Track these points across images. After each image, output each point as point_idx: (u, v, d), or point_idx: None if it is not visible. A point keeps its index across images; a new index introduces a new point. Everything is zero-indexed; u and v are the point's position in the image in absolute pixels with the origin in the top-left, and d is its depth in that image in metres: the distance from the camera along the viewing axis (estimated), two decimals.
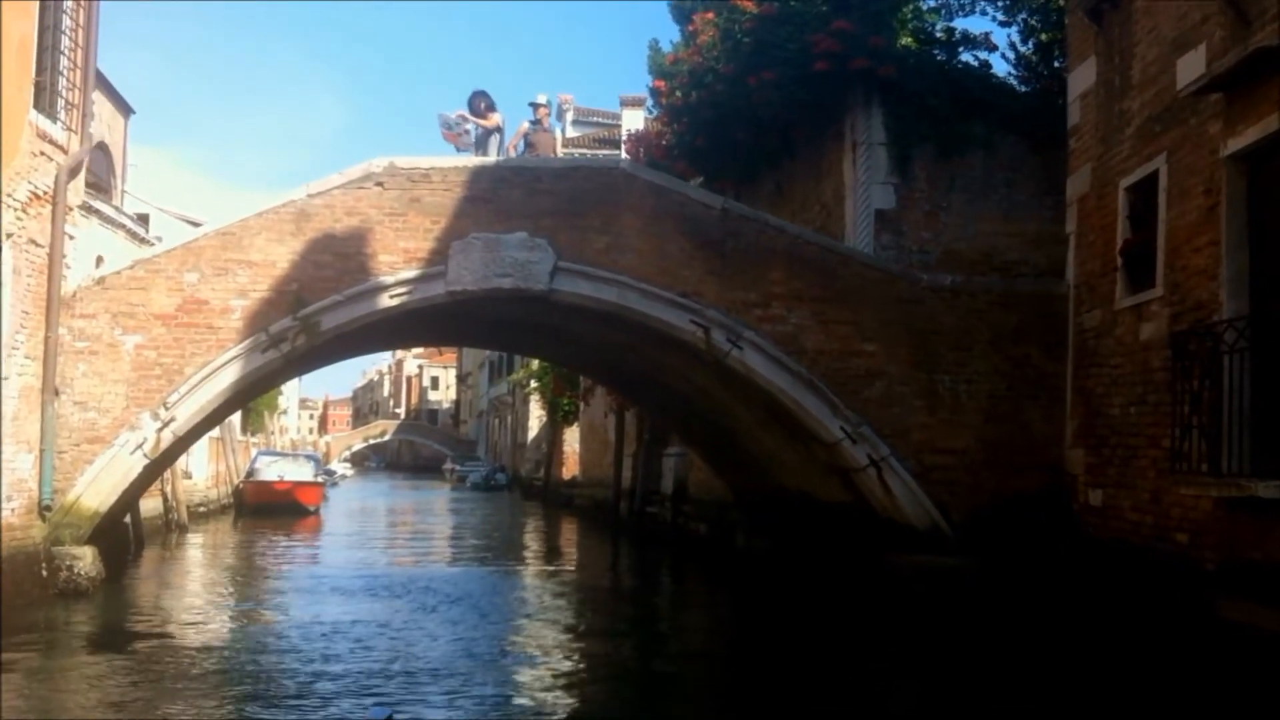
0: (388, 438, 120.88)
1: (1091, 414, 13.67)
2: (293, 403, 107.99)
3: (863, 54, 16.76)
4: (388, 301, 15.06)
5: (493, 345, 38.88)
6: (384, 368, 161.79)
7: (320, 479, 44.16)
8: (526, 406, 60.36)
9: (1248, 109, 10.38)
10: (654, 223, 15.14)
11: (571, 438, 48.25)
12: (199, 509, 34.04)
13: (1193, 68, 11.33)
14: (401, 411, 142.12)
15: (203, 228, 15.68)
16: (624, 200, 15.19)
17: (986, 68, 18.69)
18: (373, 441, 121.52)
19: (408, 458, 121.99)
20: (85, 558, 14.82)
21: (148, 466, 15.28)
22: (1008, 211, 17.43)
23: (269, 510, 37.57)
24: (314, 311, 14.95)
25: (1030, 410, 14.80)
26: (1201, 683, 9.73)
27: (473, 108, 17.34)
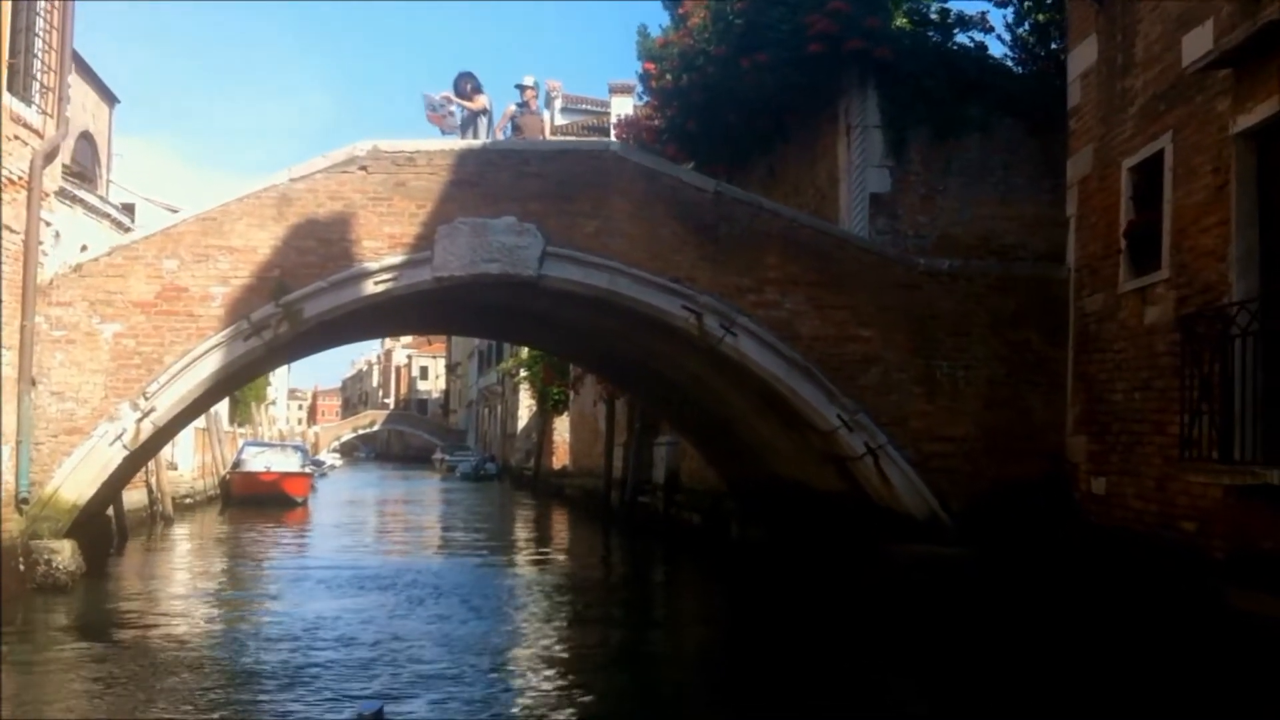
0: (377, 428, 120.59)
1: (1093, 400, 13.37)
2: (281, 393, 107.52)
3: (858, 35, 16.43)
4: (372, 288, 14.71)
5: (481, 333, 38.47)
6: (373, 358, 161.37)
7: (308, 470, 43.83)
8: (516, 396, 60.13)
9: (1257, 85, 10.07)
10: (645, 207, 14.80)
11: (562, 427, 48.03)
12: (185, 500, 33.66)
13: (1199, 44, 11.00)
14: (391, 402, 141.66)
15: (182, 213, 15.29)
16: (614, 184, 14.84)
17: (982, 49, 18.37)
18: (362, 432, 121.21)
19: (397, 448, 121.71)
20: (64, 551, 14.44)
21: (128, 458, 14.92)
22: (1005, 195, 17.14)
23: (256, 502, 37.23)
24: (297, 299, 14.60)
25: (1030, 396, 14.50)
26: (1211, 672, 9.44)
27: (458, 89, 16.92)
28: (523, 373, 52.15)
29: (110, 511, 21.83)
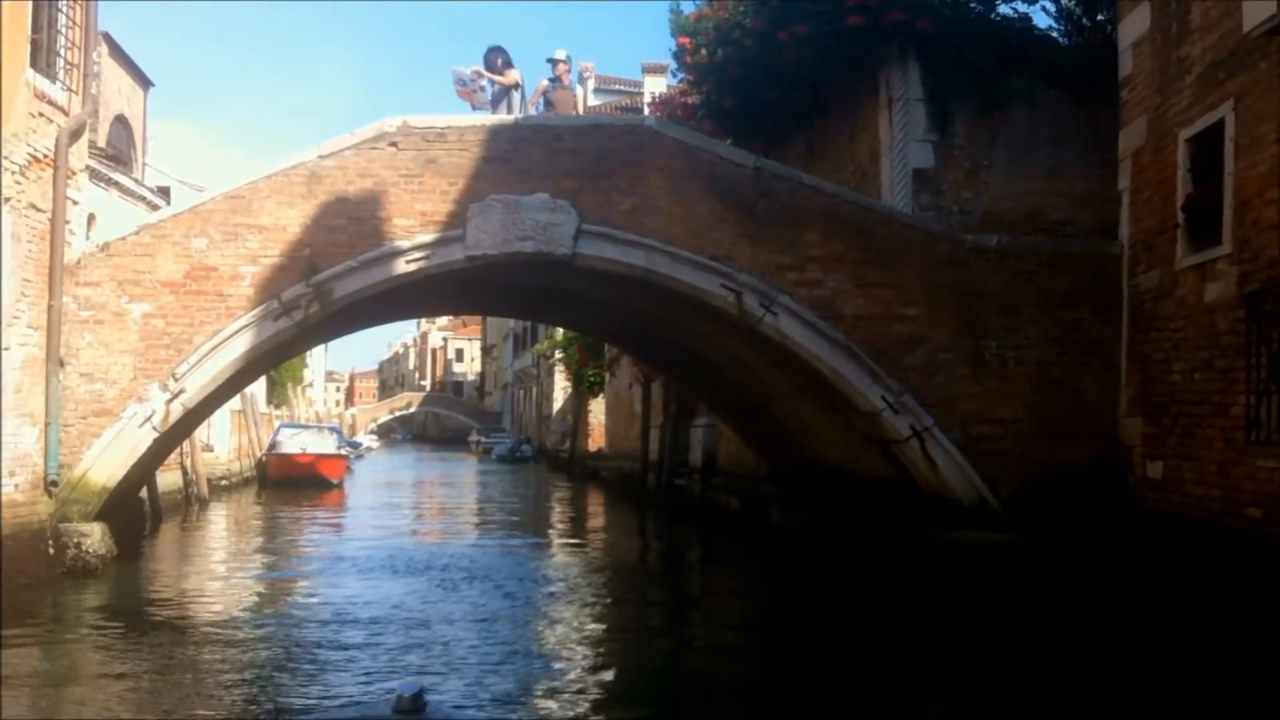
0: (413, 410, 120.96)
1: (1149, 381, 12.90)
2: (319, 375, 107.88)
3: (899, 7, 15.94)
4: (404, 267, 14.40)
5: (515, 313, 38.15)
6: (409, 340, 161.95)
7: (343, 451, 43.67)
8: (551, 378, 59.88)
9: None
10: (682, 183, 14.40)
11: (597, 409, 47.73)
12: (221, 482, 33.59)
13: (1262, 8, 10.48)
14: (427, 384, 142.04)
15: (210, 191, 15.02)
16: (650, 159, 14.45)
17: (1026, 20, 17.82)
18: (398, 414, 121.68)
19: (433, 430, 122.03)
20: (94, 534, 14.31)
21: (158, 440, 14.71)
22: (1052, 169, 16.68)
23: (292, 483, 37.10)
24: (327, 278, 14.32)
25: (1082, 377, 14.03)
26: None
27: (489, 64, 16.52)
28: (558, 354, 51.88)
29: (144, 494, 21.79)
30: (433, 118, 14.57)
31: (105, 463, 14.30)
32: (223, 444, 36.41)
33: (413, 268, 14.42)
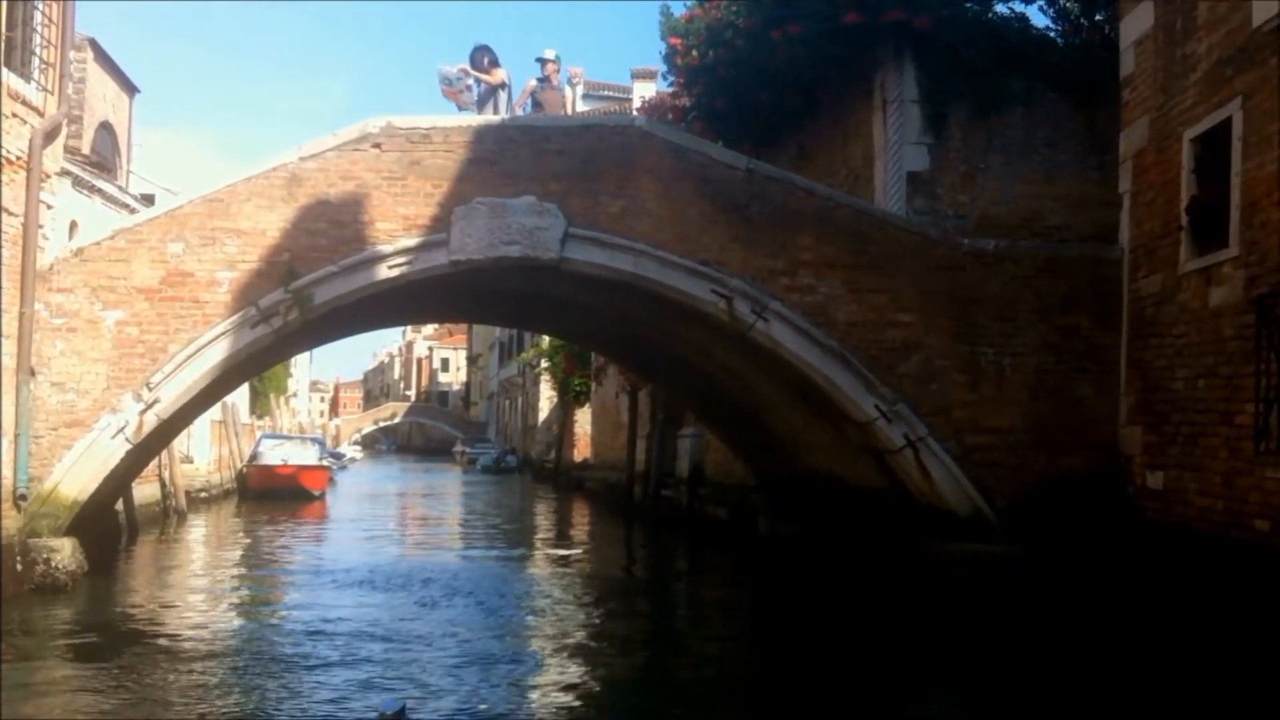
0: (398, 420, 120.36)
1: (1150, 389, 12.56)
2: (303, 385, 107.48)
3: (896, 5, 15.62)
4: (386, 272, 14.00)
5: (501, 320, 37.51)
6: (394, 350, 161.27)
7: (326, 462, 43.21)
8: (537, 387, 59.49)
9: None
10: (673, 185, 14.03)
11: (583, 419, 47.38)
12: (200, 494, 33.08)
13: (1272, 3, 10.18)
14: (412, 394, 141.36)
15: (187, 194, 14.60)
16: (640, 161, 14.08)
17: (1023, 21, 17.52)
18: (383, 424, 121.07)
19: (418, 440, 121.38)
20: (64, 550, 13.87)
21: (131, 451, 14.26)
22: (1049, 173, 16.41)
23: (273, 495, 36.62)
24: (307, 284, 13.91)
25: (1081, 385, 13.69)
26: None
27: (475, 63, 16.09)
28: (543, 363, 51.51)
29: (120, 506, 21.34)
30: (417, 118, 14.18)
31: (77, 475, 13.86)
32: (203, 455, 35.89)
33: (395, 273, 14.03)
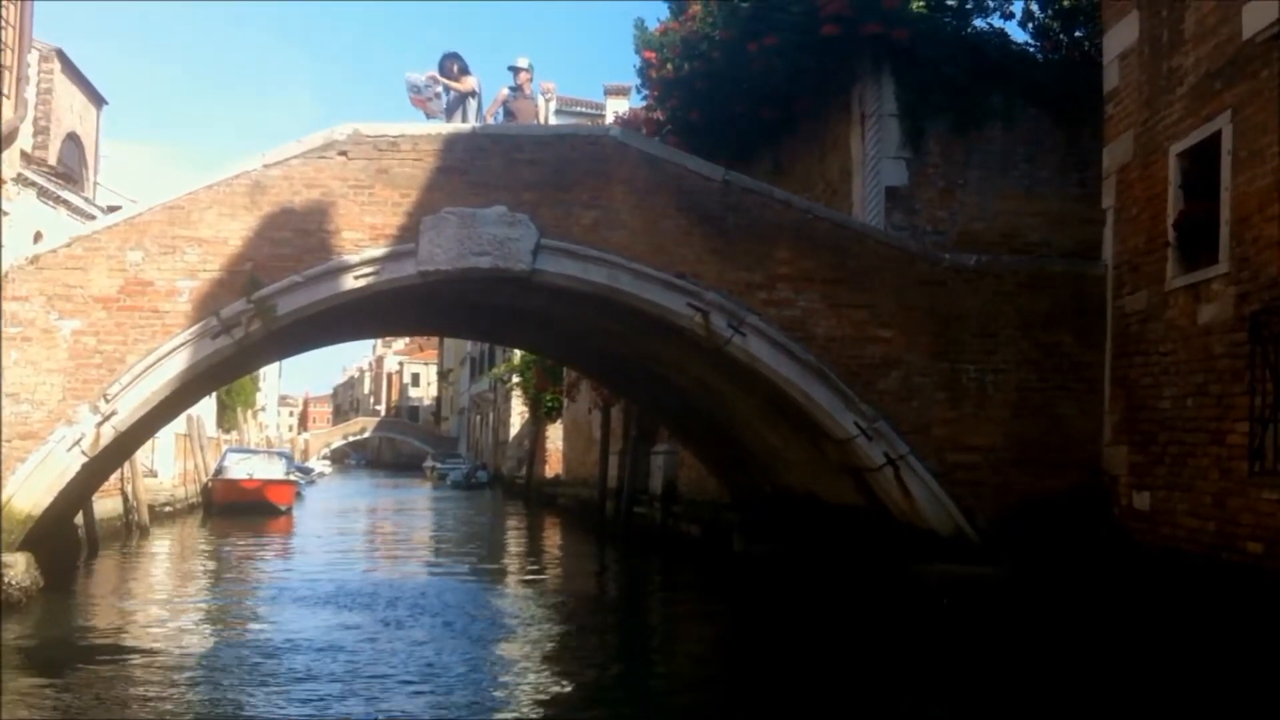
0: (368, 435, 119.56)
1: (1135, 407, 12.29)
2: (272, 399, 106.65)
3: (875, 18, 15.35)
4: (352, 283, 13.59)
5: (471, 334, 36.88)
6: (364, 364, 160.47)
7: (292, 477, 42.67)
8: (508, 403, 59.04)
9: None
10: (648, 196, 13.68)
11: (555, 435, 47.01)
12: (165, 509, 32.55)
13: (1263, 13, 9.95)
14: (382, 408, 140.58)
15: (147, 201, 14.17)
16: (614, 172, 13.73)
17: (1002, 36, 17.32)
18: (353, 439, 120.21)
19: (388, 455, 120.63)
20: (17, 566, 13.41)
21: (87, 464, 13.77)
22: (1029, 189, 16.16)
23: (238, 510, 36.08)
24: (270, 294, 13.47)
25: (1063, 403, 13.39)
26: None
27: (444, 70, 15.70)
28: (515, 379, 51.11)
29: (80, 520, 20.84)
30: (385, 125, 13.80)
31: (30, 489, 13.36)
32: (168, 469, 35.36)
33: (362, 283, 13.62)
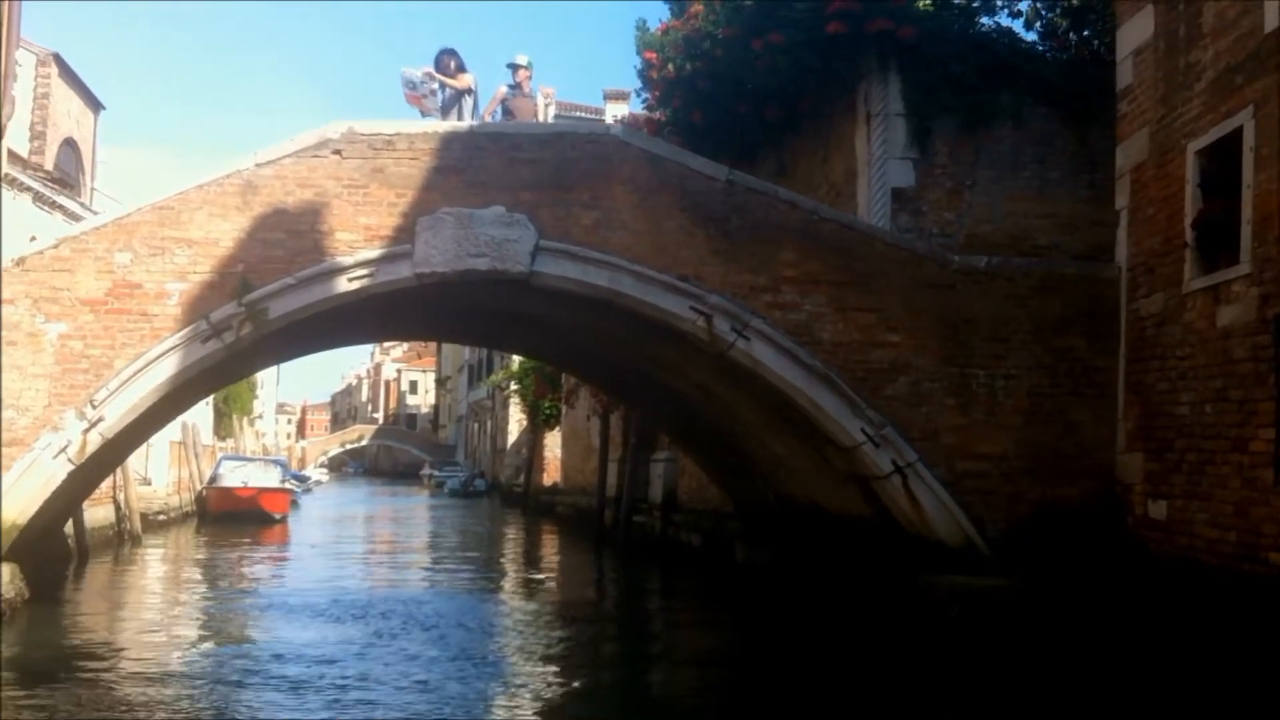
0: (365, 443, 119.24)
1: (1151, 413, 11.95)
2: (269, 407, 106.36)
3: (882, 14, 15.03)
4: (346, 285, 13.24)
5: (468, 339, 36.52)
6: (362, 372, 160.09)
7: (288, 485, 42.31)
8: (506, 410, 58.71)
9: None
10: (650, 197, 13.34)
11: (553, 442, 46.69)
12: (158, 517, 32.15)
13: None
14: (380, 416, 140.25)
15: (135, 202, 13.82)
16: (616, 171, 13.39)
17: (1010, 35, 17.00)
18: (350, 446, 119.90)
19: (386, 463, 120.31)
20: (2, 576, 13.07)
21: (74, 472, 13.40)
22: (1039, 190, 15.77)
23: (233, 518, 35.73)
24: (261, 297, 13.11)
25: (1076, 410, 13.04)
26: None
27: (440, 66, 15.31)
28: (513, 386, 50.77)
29: (70, 529, 20.50)
30: (380, 123, 13.46)
31: (16, 497, 12.97)
32: (161, 477, 35.00)
33: (356, 286, 13.27)
